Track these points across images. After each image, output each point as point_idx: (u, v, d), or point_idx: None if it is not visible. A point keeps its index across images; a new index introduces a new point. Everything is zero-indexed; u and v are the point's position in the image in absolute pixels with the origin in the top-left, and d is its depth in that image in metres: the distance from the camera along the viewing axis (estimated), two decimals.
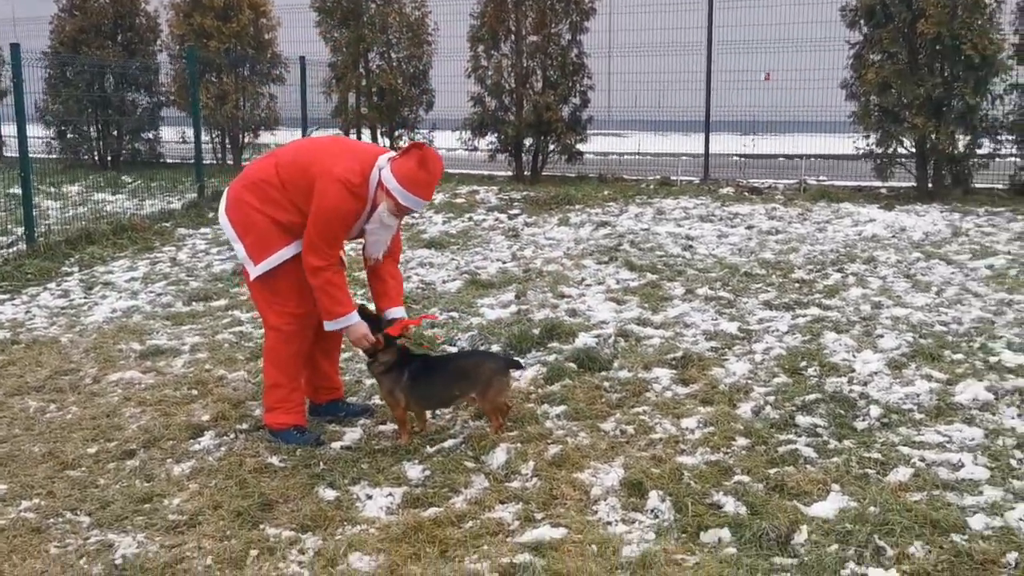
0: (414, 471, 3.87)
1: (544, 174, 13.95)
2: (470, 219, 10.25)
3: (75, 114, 14.72)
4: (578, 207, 10.96)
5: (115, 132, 15.41)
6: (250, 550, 3.27)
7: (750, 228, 9.32)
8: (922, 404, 4.41)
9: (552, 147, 13.62)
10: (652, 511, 3.47)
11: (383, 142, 14.65)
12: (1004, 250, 7.90)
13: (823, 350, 5.22)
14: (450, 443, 4.14)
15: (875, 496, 3.47)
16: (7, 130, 9.22)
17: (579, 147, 13.56)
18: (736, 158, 15.09)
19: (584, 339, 5.51)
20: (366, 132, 14.86)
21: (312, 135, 13.81)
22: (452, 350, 5.45)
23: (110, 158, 15.48)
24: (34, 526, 3.50)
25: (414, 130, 15.08)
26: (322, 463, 3.97)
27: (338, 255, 4.11)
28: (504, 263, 7.91)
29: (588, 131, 13.63)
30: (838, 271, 7.21)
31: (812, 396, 4.52)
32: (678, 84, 15.71)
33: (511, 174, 13.94)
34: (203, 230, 9.97)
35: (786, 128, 15.68)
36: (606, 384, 4.85)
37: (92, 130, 15.36)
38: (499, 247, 8.68)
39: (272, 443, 4.19)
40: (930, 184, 11.29)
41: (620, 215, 10.29)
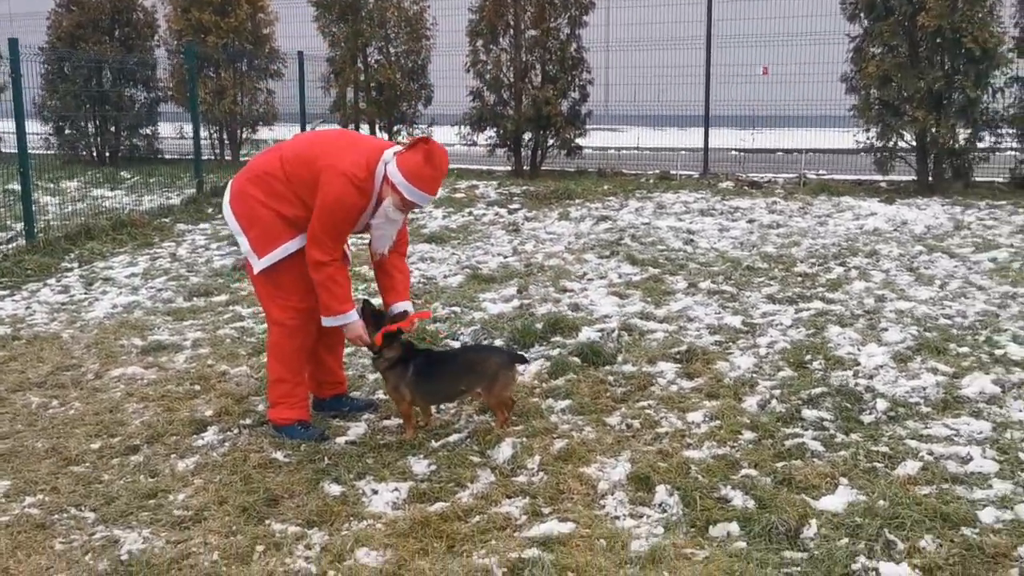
0: (420, 466, 3.85)
1: (543, 169, 13.94)
2: (470, 214, 10.22)
3: (73, 110, 14.68)
4: (578, 202, 10.93)
5: (113, 128, 15.39)
6: (256, 545, 3.25)
7: (751, 222, 9.30)
8: (929, 397, 4.39)
9: (551, 142, 13.61)
10: (660, 505, 3.45)
11: (382, 137, 14.60)
12: (1007, 243, 7.89)
13: (827, 343, 5.21)
14: (455, 438, 4.12)
15: (884, 490, 3.45)
16: (5, 126, 9.15)
17: (578, 142, 13.55)
18: (735, 153, 15.06)
19: (587, 333, 5.49)
20: (364, 127, 14.82)
21: (317, 128, 13.75)
22: (455, 345, 5.43)
23: (108, 154, 15.46)
24: (38, 522, 3.47)
25: (413, 125, 15.06)
26: (327, 458, 3.95)
27: (342, 250, 4.08)
28: (505, 258, 7.89)
29: (587, 126, 13.62)
30: (840, 265, 7.20)
31: (818, 390, 4.50)
32: (677, 78, 15.67)
33: (510, 169, 13.92)
34: (202, 226, 9.94)
35: (786, 122, 15.65)
36: (610, 378, 4.83)
37: (90, 126, 15.34)
38: (500, 242, 8.65)
39: (276, 438, 4.17)
40: (931, 178, 11.28)
41: (620, 209, 10.27)
